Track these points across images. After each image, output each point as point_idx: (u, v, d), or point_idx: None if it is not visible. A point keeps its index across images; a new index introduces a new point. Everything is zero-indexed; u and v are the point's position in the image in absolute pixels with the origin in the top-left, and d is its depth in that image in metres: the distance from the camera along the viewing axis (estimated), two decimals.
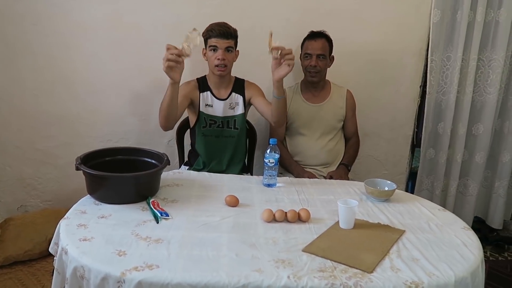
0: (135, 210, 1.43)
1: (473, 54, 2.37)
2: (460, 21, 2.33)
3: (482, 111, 2.50)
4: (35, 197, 2.44)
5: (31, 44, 2.21)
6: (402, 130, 2.61)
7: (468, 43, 2.37)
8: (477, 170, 2.59)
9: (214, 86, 2.02)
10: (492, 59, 2.40)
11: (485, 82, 2.46)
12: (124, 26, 2.24)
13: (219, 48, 1.90)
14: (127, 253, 1.16)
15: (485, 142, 2.53)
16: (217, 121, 2.01)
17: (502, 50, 2.36)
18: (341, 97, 2.26)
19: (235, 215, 1.44)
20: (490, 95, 2.45)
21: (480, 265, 1.24)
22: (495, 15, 2.35)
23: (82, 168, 1.46)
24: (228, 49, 1.91)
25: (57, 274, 1.24)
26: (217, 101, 2.01)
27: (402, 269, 1.16)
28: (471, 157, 2.60)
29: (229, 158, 2.05)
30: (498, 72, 2.40)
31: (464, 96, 2.45)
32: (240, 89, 2.05)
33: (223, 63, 1.91)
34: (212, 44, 1.90)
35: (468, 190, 2.65)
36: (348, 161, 2.23)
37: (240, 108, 2.04)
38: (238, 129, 2.04)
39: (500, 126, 2.59)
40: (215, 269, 1.11)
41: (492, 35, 2.38)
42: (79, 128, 2.36)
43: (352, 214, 1.39)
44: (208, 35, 1.91)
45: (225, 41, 1.89)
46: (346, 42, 2.30)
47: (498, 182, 2.64)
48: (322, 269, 1.14)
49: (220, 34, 1.88)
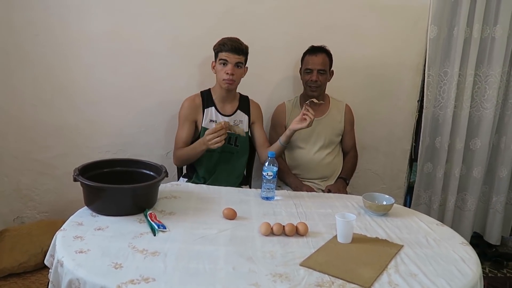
0: (132, 222, 1.42)
1: (469, 70, 2.39)
2: (456, 37, 2.36)
3: (479, 126, 2.52)
4: (32, 208, 2.43)
5: (30, 55, 2.22)
6: (400, 144, 2.62)
7: (465, 59, 2.40)
8: (475, 185, 2.59)
9: (220, 100, 2.03)
10: (489, 75, 2.43)
11: (482, 97, 2.48)
12: (123, 38, 2.26)
13: (229, 63, 1.91)
14: (123, 266, 1.15)
15: (482, 157, 2.54)
16: None
17: (498, 66, 2.39)
18: (340, 112, 2.27)
19: (232, 228, 1.43)
20: (487, 110, 2.47)
21: (478, 281, 1.23)
22: (491, 31, 2.38)
23: (79, 179, 1.46)
24: (238, 64, 1.93)
25: (52, 287, 1.23)
26: (221, 117, 2.01)
27: (400, 284, 1.15)
28: (469, 172, 2.60)
29: (228, 173, 2.05)
30: (495, 87, 2.42)
31: (461, 111, 2.47)
32: (246, 108, 2.08)
33: (232, 78, 1.92)
34: (222, 57, 1.91)
35: (466, 205, 2.65)
36: (346, 175, 2.24)
37: (245, 127, 2.06)
38: (238, 147, 2.04)
39: (497, 141, 2.60)
40: (212, 282, 1.10)
41: (488, 51, 2.41)
42: (77, 139, 2.36)
43: (350, 228, 1.38)
44: (220, 49, 1.92)
45: (236, 56, 1.91)
46: (344, 56, 2.33)
47: (495, 197, 2.64)
48: (320, 284, 1.13)
49: (232, 49, 1.89)
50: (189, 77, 2.35)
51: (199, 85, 2.20)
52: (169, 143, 2.33)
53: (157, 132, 2.40)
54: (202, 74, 2.31)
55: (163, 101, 2.36)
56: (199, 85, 2.20)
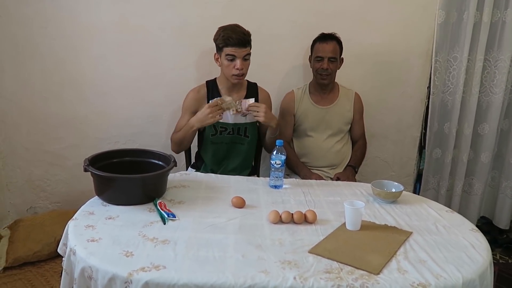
0: (142, 211, 1.44)
1: (479, 55, 2.36)
2: (466, 22, 2.32)
3: (488, 111, 2.49)
4: (44, 198, 2.47)
5: (40, 47, 2.24)
6: (409, 131, 2.60)
7: (475, 44, 2.36)
8: (482, 170, 2.58)
9: (226, 91, 1.98)
10: (499, 60, 2.39)
11: (491, 82, 2.45)
12: (131, 29, 2.26)
13: (238, 58, 1.83)
14: (134, 254, 1.17)
15: (490, 142, 2.52)
16: (228, 128, 1.97)
17: (508, 50, 2.35)
18: (349, 100, 2.25)
19: (241, 217, 1.44)
20: (496, 95, 2.44)
21: (488, 267, 1.22)
22: (501, 15, 2.34)
23: (90, 170, 1.47)
24: (246, 57, 1.87)
25: (66, 275, 1.26)
26: None
27: (409, 270, 1.15)
28: (477, 157, 2.59)
29: (236, 165, 2.04)
30: (504, 72, 2.39)
31: (470, 96, 2.44)
32: (254, 96, 2.01)
33: (241, 72, 1.87)
34: (229, 53, 1.83)
35: (473, 190, 2.64)
36: (355, 163, 2.23)
37: (252, 116, 2.00)
38: (248, 137, 2.02)
39: (508, 127, 2.57)
40: (221, 270, 1.11)
41: (498, 36, 2.37)
42: (87, 130, 2.38)
43: (359, 216, 1.38)
44: (225, 44, 1.83)
45: (243, 49, 1.83)
46: (353, 44, 2.30)
47: (505, 182, 2.62)
48: (329, 271, 1.14)
49: (238, 43, 1.81)
50: (196, 67, 2.34)
51: (207, 75, 2.19)
52: None
53: (165, 122, 2.41)
54: (209, 64, 2.30)
55: (171, 91, 2.36)
56: (207, 75, 2.19)
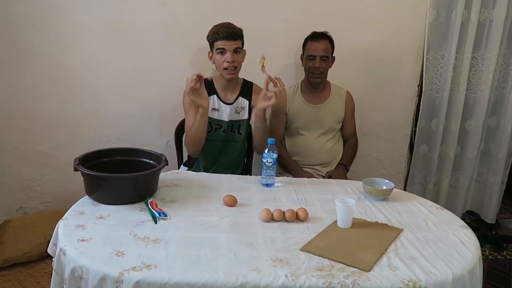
0: (134, 211, 1.43)
1: (467, 53, 2.41)
2: (454, 20, 2.36)
3: (474, 108, 2.55)
4: (34, 198, 2.44)
5: (31, 45, 2.21)
6: (400, 129, 2.62)
7: (462, 42, 2.40)
8: (468, 165, 2.64)
9: (222, 89, 1.98)
10: (486, 58, 2.45)
11: (478, 80, 2.50)
12: (122, 27, 2.24)
13: (228, 51, 1.85)
14: (125, 254, 1.16)
15: (476, 138, 2.57)
16: (223, 125, 1.97)
17: (495, 48, 2.40)
18: (341, 99, 2.26)
19: (233, 215, 1.44)
20: (483, 92, 2.50)
21: (477, 263, 1.24)
22: (489, 14, 2.38)
23: (80, 169, 1.46)
24: (237, 50, 1.87)
25: (56, 275, 1.24)
26: (224, 105, 1.98)
27: (400, 267, 1.16)
28: (463, 152, 2.65)
29: (230, 162, 2.04)
30: (491, 70, 2.44)
31: (457, 93, 2.49)
32: (248, 94, 2.02)
33: (233, 65, 1.86)
34: (219, 47, 1.85)
35: (459, 184, 2.70)
36: (346, 161, 2.24)
37: (246, 113, 2.01)
38: (241, 134, 2.02)
39: (496, 123, 2.62)
40: (213, 268, 1.11)
41: (486, 34, 2.41)
42: (78, 129, 2.36)
43: (350, 213, 1.39)
44: (215, 38, 1.85)
45: (233, 42, 1.84)
46: (344, 42, 2.30)
47: (493, 178, 2.68)
48: (320, 268, 1.14)
49: (228, 35, 1.83)
50: (188, 65, 2.34)
51: None
52: (169, 132, 2.34)
53: (157, 121, 2.40)
54: (202, 63, 2.29)
55: (163, 90, 2.36)
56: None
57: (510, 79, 2.50)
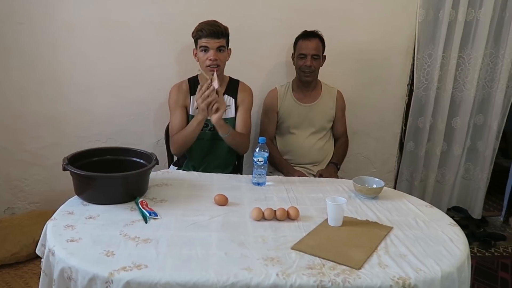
0: (124, 210, 1.42)
1: (454, 52, 2.45)
2: (442, 20, 2.39)
3: (460, 106, 2.59)
4: (22, 199, 2.41)
5: (17, 44, 2.18)
6: (390, 128, 2.64)
7: (449, 41, 2.44)
8: (453, 161, 2.69)
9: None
10: (472, 57, 2.49)
11: (465, 78, 2.55)
12: (112, 25, 2.22)
13: (210, 48, 1.84)
14: (115, 254, 1.15)
15: (461, 135, 2.63)
16: (209, 124, 1.95)
17: (481, 48, 2.44)
18: (332, 98, 2.27)
19: (224, 214, 1.44)
20: (469, 91, 2.54)
21: (466, 260, 1.25)
22: (476, 14, 2.42)
23: (69, 169, 1.44)
24: (220, 48, 1.86)
25: (44, 276, 1.23)
26: None
27: (390, 265, 1.17)
28: (449, 149, 2.70)
29: (220, 161, 2.03)
30: (476, 69, 2.48)
31: (444, 92, 2.54)
32: (234, 92, 2.01)
33: (215, 63, 1.85)
34: (202, 44, 1.84)
35: (445, 179, 2.75)
36: (337, 160, 2.25)
37: (232, 111, 2.00)
38: None
39: (483, 121, 2.67)
40: (204, 268, 1.11)
41: (472, 34, 2.46)
42: (67, 128, 2.34)
43: (341, 212, 1.40)
44: (198, 35, 1.85)
45: (216, 40, 1.84)
46: (335, 41, 2.32)
47: (480, 175, 2.73)
48: (311, 267, 1.14)
49: (211, 33, 1.82)
50: (179, 64, 2.32)
51: (189, 72, 2.17)
52: (159, 131, 2.33)
53: (147, 120, 2.39)
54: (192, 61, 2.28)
55: (153, 89, 2.34)
56: (189, 72, 2.17)
57: (497, 78, 2.55)
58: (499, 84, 2.54)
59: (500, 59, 2.51)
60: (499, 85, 2.54)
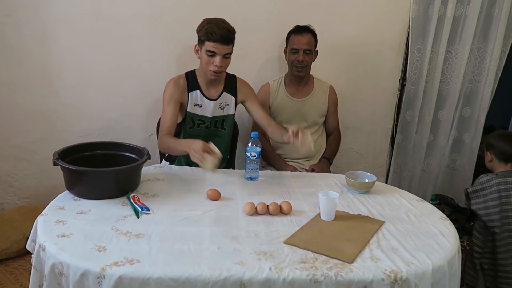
0: (115, 205, 1.41)
1: (442, 48, 2.47)
2: (431, 15, 2.41)
3: (447, 99, 2.63)
4: (12, 194, 2.38)
5: (5, 37, 2.14)
6: (382, 123, 2.65)
7: (438, 36, 2.46)
8: (439, 152, 2.73)
9: (205, 84, 1.91)
10: (459, 51, 2.52)
11: (452, 72, 2.57)
12: (103, 18, 2.19)
13: (218, 55, 1.75)
14: (107, 249, 1.14)
15: (447, 127, 2.67)
16: (206, 121, 1.93)
17: (468, 43, 2.47)
18: (324, 93, 2.27)
19: (217, 209, 1.44)
20: (455, 84, 2.57)
21: (456, 254, 1.27)
22: (464, 10, 2.45)
23: (59, 163, 1.43)
24: (226, 55, 1.78)
25: (35, 272, 1.22)
26: (207, 101, 1.91)
27: (382, 258, 1.18)
28: (435, 140, 2.73)
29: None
30: (463, 64, 2.51)
31: (432, 86, 2.56)
32: (232, 89, 1.96)
33: (220, 70, 1.79)
34: (209, 49, 1.74)
35: (430, 169, 2.79)
36: (329, 155, 2.25)
37: (231, 109, 1.97)
38: (225, 129, 2.00)
39: (470, 114, 2.71)
40: (197, 262, 1.11)
41: (460, 29, 2.48)
42: (57, 123, 2.31)
43: (333, 206, 1.40)
44: (207, 37, 1.74)
45: (225, 47, 1.75)
46: (327, 36, 2.31)
47: (467, 166, 2.78)
48: (304, 261, 1.15)
49: (221, 39, 1.72)
50: (170, 59, 2.30)
51: (181, 67, 2.15)
52: (150, 125, 2.31)
53: (139, 115, 2.37)
54: (184, 56, 2.26)
55: (144, 84, 2.32)
56: (181, 67, 2.15)
57: (485, 72, 2.59)
58: (487, 78, 2.58)
59: (489, 54, 2.53)
60: (487, 79, 2.58)
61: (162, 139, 1.83)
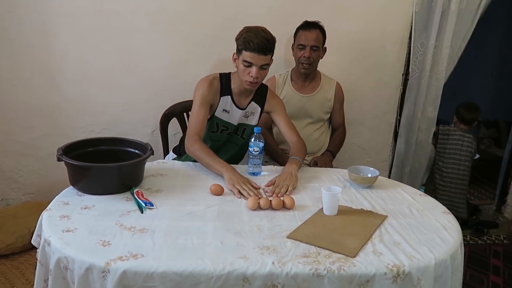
0: (119, 201, 1.42)
1: (446, 42, 2.45)
2: (435, 10, 2.39)
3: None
4: (16, 190, 2.40)
5: (7, 33, 2.15)
6: (385, 118, 2.65)
7: (442, 31, 2.44)
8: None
9: (237, 91, 1.82)
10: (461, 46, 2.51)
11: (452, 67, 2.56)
12: (104, 13, 2.19)
13: (254, 65, 1.67)
14: (112, 243, 1.15)
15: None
16: (230, 128, 1.88)
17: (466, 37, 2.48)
18: (330, 89, 2.26)
19: (220, 204, 1.44)
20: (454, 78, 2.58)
21: (459, 248, 1.27)
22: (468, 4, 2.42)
23: (63, 159, 1.43)
24: (263, 67, 1.69)
25: (40, 266, 1.23)
26: (235, 109, 1.84)
27: (384, 253, 1.18)
28: None
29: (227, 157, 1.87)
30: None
31: (436, 81, 2.55)
32: (261, 99, 1.89)
33: (256, 81, 1.71)
34: (246, 59, 1.66)
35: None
36: (333, 149, 2.25)
37: (255, 119, 1.90)
38: (244, 139, 1.93)
39: None
40: (200, 257, 1.11)
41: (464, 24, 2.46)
42: (60, 119, 2.32)
43: (336, 201, 1.41)
44: (245, 47, 1.66)
45: (263, 57, 1.66)
46: (330, 31, 2.29)
47: None
48: (306, 255, 1.15)
49: (258, 49, 1.64)
50: (172, 53, 2.30)
51: (183, 63, 2.17)
52: (153, 120, 2.32)
53: (142, 110, 2.37)
54: (186, 51, 2.27)
55: (147, 79, 2.32)
56: (183, 62, 2.16)
57: None
58: None
59: None
60: None
61: (196, 145, 1.71)
